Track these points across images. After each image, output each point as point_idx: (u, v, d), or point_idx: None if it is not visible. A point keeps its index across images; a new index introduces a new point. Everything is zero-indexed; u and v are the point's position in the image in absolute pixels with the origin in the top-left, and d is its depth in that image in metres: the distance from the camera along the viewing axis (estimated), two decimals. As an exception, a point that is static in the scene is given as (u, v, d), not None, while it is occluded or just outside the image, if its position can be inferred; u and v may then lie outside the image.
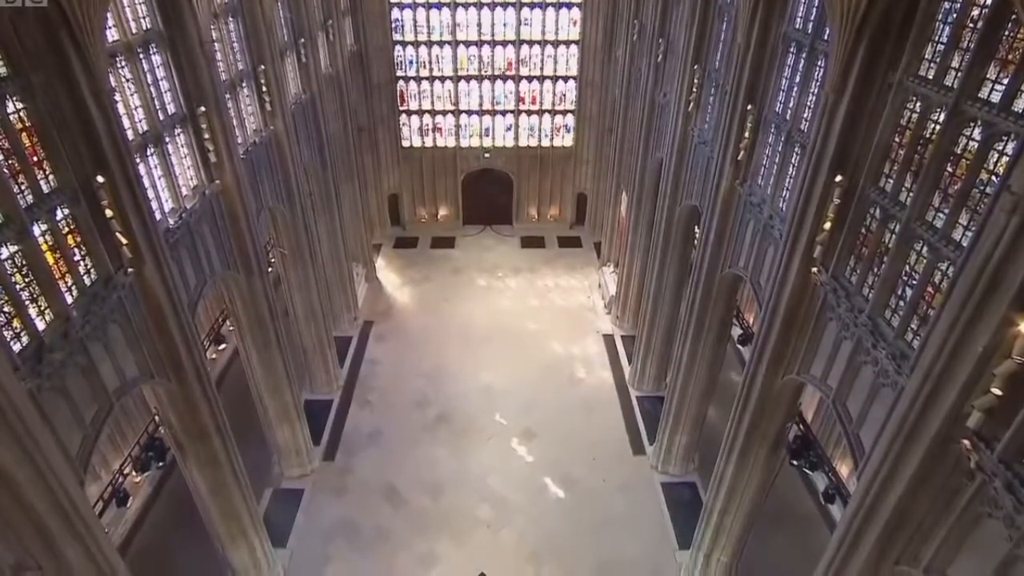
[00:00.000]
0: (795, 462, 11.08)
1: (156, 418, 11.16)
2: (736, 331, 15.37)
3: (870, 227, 8.02)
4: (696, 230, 15.94)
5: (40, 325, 7.36)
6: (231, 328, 14.69)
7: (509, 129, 28.42)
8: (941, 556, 6.77)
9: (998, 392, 5.60)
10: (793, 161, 10.17)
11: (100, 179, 8.06)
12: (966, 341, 5.90)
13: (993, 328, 5.59)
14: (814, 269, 9.00)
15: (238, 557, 13.18)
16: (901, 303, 7.43)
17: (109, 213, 8.29)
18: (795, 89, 9.97)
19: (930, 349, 6.34)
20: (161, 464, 11.07)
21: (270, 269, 15.12)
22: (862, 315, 7.95)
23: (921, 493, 6.79)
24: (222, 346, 14.99)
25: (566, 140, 28.90)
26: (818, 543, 9.53)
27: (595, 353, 22.38)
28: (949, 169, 6.61)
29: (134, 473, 10.78)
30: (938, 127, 6.72)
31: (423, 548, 15.22)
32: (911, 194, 7.12)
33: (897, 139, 7.42)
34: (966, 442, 6.01)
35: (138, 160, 9.31)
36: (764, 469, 11.96)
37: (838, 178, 8.23)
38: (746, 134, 11.41)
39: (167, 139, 10.59)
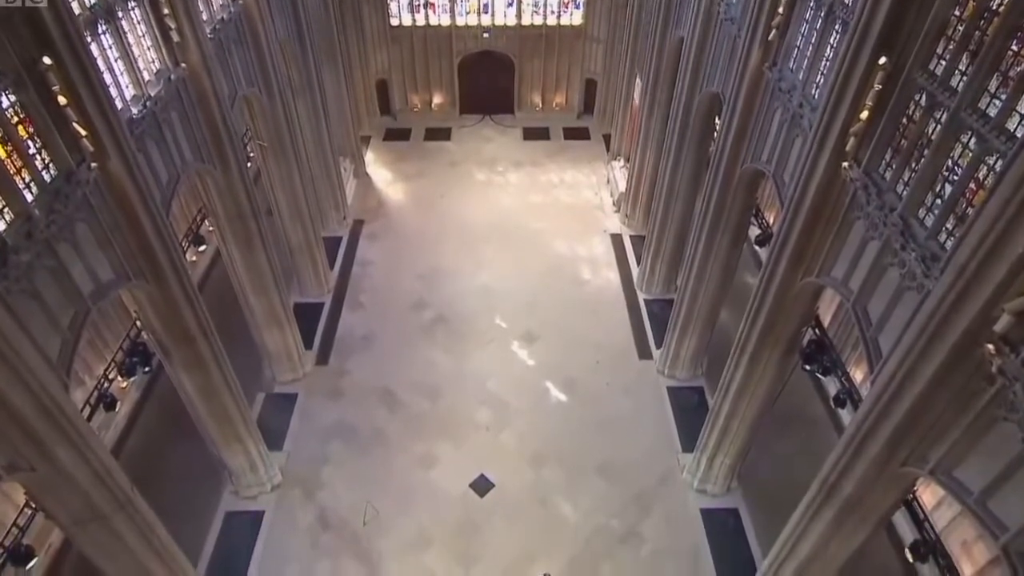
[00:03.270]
0: (808, 367, 11.29)
1: (138, 323, 11.27)
2: (754, 231, 15.21)
3: (912, 116, 7.64)
4: (716, 120, 15.39)
5: (0, 225, 7.21)
6: (211, 228, 14.53)
7: (511, 5, 26.78)
8: (949, 458, 7.07)
9: (1033, 296, 5.55)
10: (832, 41, 9.54)
11: (47, 61, 7.58)
12: (1005, 241, 5.77)
13: (1038, 227, 5.43)
14: (845, 164, 8.70)
15: (234, 460, 13.87)
16: (938, 201, 7.21)
17: (63, 100, 7.89)
18: (841, -49, 9.15)
19: (964, 249, 6.23)
20: (147, 369, 11.31)
21: (249, 164, 14.73)
22: (893, 214, 7.76)
23: (936, 396, 6.98)
24: (202, 247, 14.88)
25: (574, 17, 27.30)
26: (824, 446, 9.90)
27: (602, 253, 22.37)
28: (1014, 48, 6.14)
29: (120, 378, 11.04)
30: (1007, -3, 6.17)
31: (422, 450, 15.95)
32: (964, 78, 6.69)
33: (957, 12, 6.86)
34: (990, 346, 6.06)
35: (88, 39, 8.72)
36: (775, 374, 12.25)
37: (882, 60, 7.75)
38: (780, 9, 10.65)
39: (120, 13, 9.89)
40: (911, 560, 9.77)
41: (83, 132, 8.20)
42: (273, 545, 14.02)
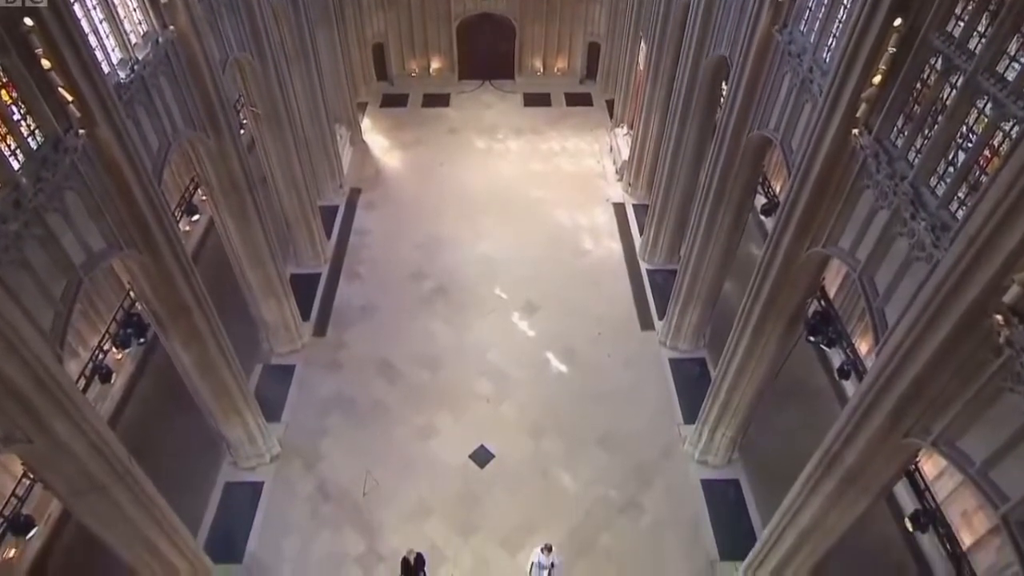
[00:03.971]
0: (812, 338, 11.30)
1: (131, 293, 11.26)
2: (760, 200, 15.09)
3: (927, 81, 7.49)
4: (723, 86, 15.15)
5: (-14, 194, 7.13)
6: (203, 198, 14.41)
7: (510, -38, 26.15)
8: (952, 429, 7.13)
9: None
10: (845, 2, 9.32)
11: (29, 22, 7.41)
12: (1019, 210, 5.71)
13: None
14: (855, 130, 8.57)
15: (232, 431, 13.99)
16: (951, 169, 7.12)
17: (47, 64, 7.74)
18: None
19: (976, 218, 6.17)
20: (142, 341, 11.34)
21: (242, 132, 14.55)
22: (904, 182, 7.67)
23: (942, 367, 7.00)
24: (195, 217, 14.79)
25: (577, -24, 26.68)
26: (827, 418, 9.96)
27: (604, 223, 22.25)
28: (1035, 7, 5.99)
29: (114, 350, 11.07)
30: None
31: (421, 421, 16.09)
32: (983, 40, 6.53)
33: (976, -30, 6.68)
34: (999, 317, 6.05)
35: (72, -2, 8.51)
36: (778, 345, 12.28)
37: (897, 21, 7.56)
38: (790, -34, 10.40)
39: (104, -29, 9.65)
40: (911, 529, 9.93)
41: (69, 97, 8.06)
42: (273, 515, 14.23)
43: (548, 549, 12.30)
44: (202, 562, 11.62)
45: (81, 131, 8.39)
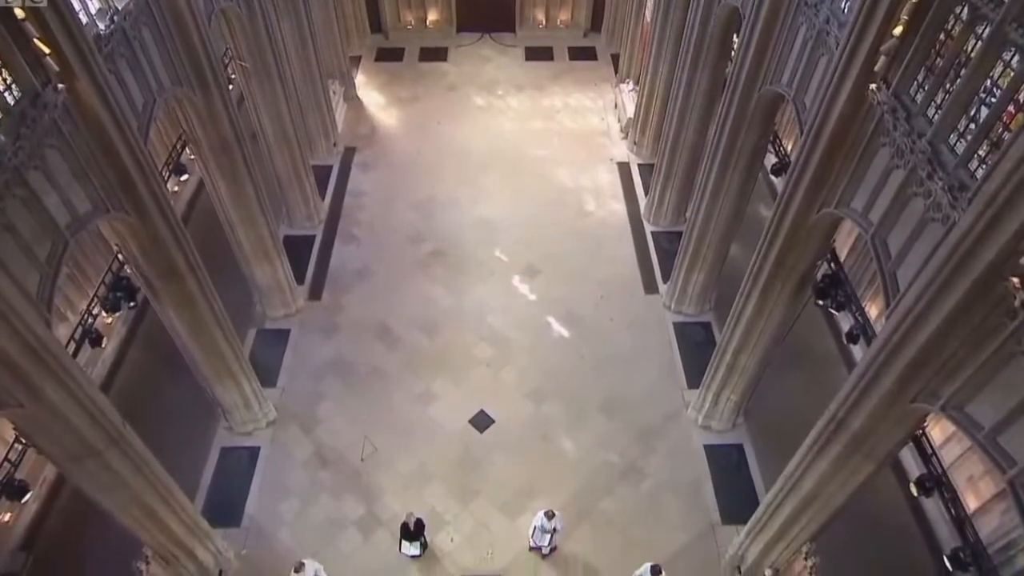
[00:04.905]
0: (821, 301, 11.28)
1: (120, 256, 11.20)
2: (770, 159, 14.91)
3: (951, 31, 7.28)
4: (734, 38, 14.80)
5: (-37, 151, 7.01)
6: (192, 157, 14.23)
7: (511, -96, 25.33)
8: (962, 393, 7.14)
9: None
10: (864, -55, 8.99)
11: (-2, -34, 7.18)
12: (1042, 169, 5.61)
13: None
14: (872, 85, 8.38)
15: (227, 396, 14.10)
16: (972, 126, 6.98)
17: (20, 14, 7.52)
18: None
19: (996, 177, 6.06)
20: (132, 304, 11.32)
21: (231, 87, 14.27)
22: (922, 140, 7.53)
23: (953, 331, 6.98)
24: (184, 177, 14.65)
25: (581, -81, 25.87)
26: (833, 383, 10.02)
27: (607, 183, 22.05)
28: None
29: (104, 314, 11.06)
30: None
31: (420, 387, 16.20)
32: (1011, -14, 6.32)
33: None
34: (1015, 280, 6.02)
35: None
36: (786, 309, 12.26)
37: (921, -34, 7.33)
38: (808, -93, 10.03)
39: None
40: (915, 494, 10.07)
41: (46, 50, 7.85)
42: (270, 480, 14.44)
43: (551, 515, 12.50)
44: (200, 526, 11.81)
45: (60, 86, 8.21)
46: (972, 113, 6.99)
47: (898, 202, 8.17)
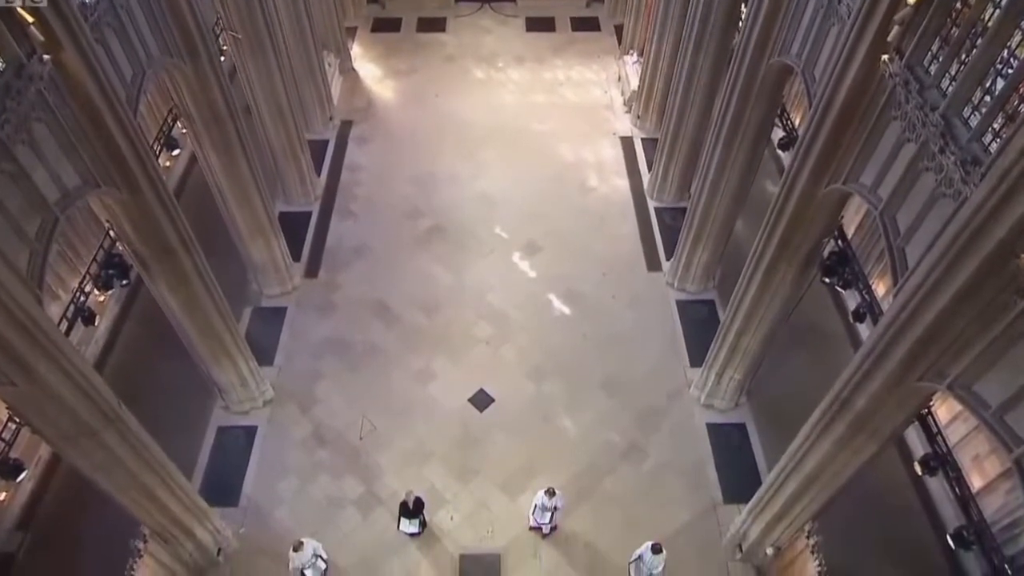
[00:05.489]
0: (827, 279, 11.25)
1: (111, 233, 11.14)
2: (777, 133, 14.76)
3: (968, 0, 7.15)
4: (742, 7, 14.56)
5: (-52, 124, 6.93)
6: (184, 131, 14.09)
7: None
8: (969, 372, 7.15)
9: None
10: (879, -93, 8.80)
11: (-19, -68, 7.03)
12: (1059, 143, 5.54)
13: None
14: (885, 56, 8.26)
15: (223, 375, 14.13)
16: (987, 99, 6.88)
17: (4, -19, 7.39)
18: None
19: (1011, 151, 5.99)
20: (125, 282, 11.30)
21: (222, 58, 14.09)
22: (934, 113, 7.43)
23: (962, 309, 6.96)
24: (176, 151, 14.50)
25: None
26: (839, 362, 10.03)
27: (610, 158, 21.89)
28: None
29: (96, 292, 11.04)
30: None
31: (419, 365, 16.24)
32: (1032, -49, 6.19)
33: None
34: (1027, 257, 5.97)
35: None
36: (792, 286, 12.24)
37: (937, -70, 7.18)
38: None
39: None
40: (920, 473, 10.15)
41: (29, 19, 7.72)
42: (268, 459, 14.55)
43: (551, 492, 12.61)
44: (198, 506, 11.92)
45: (46, 56, 8.09)
46: (988, 85, 6.90)
47: (908, 177, 8.11)
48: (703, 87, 16.78)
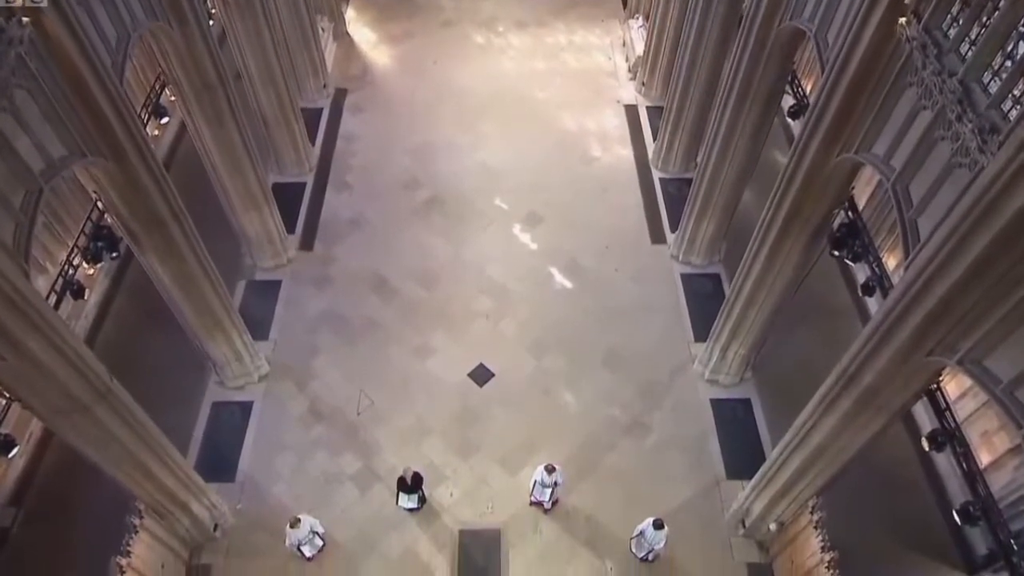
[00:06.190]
0: (836, 252, 11.18)
1: (99, 204, 11.05)
2: (788, 101, 14.56)
3: (990, -44, 6.98)
4: (752, -33, 14.26)
5: (-75, 90, 6.81)
6: (172, 98, 13.90)
7: None
8: (980, 347, 7.13)
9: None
10: None
11: None
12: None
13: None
14: (902, 19, 8.08)
15: (217, 349, 14.14)
16: (1008, 64, 6.75)
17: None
18: None
19: (1032, 118, 5.89)
20: (115, 255, 11.23)
21: (211, 22, 13.82)
22: (952, 79, 7.30)
23: (975, 282, 6.90)
24: (164, 120, 14.33)
25: None
26: (846, 336, 10.01)
27: (614, 127, 21.67)
28: None
29: (85, 265, 10.98)
30: None
31: (417, 340, 16.26)
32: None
33: None
34: (1044, 227, 5.91)
35: None
36: (799, 259, 12.17)
37: None
38: None
39: None
40: (927, 449, 10.20)
41: (8, -21, 7.55)
42: (264, 435, 14.63)
43: (551, 469, 12.70)
44: (194, 481, 12.01)
45: (25, 19, 7.91)
46: (1009, 49, 6.75)
47: (923, 146, 8.00)
48: (711, 52, 16.50)
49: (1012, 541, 8.94)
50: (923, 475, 13.30)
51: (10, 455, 9.26)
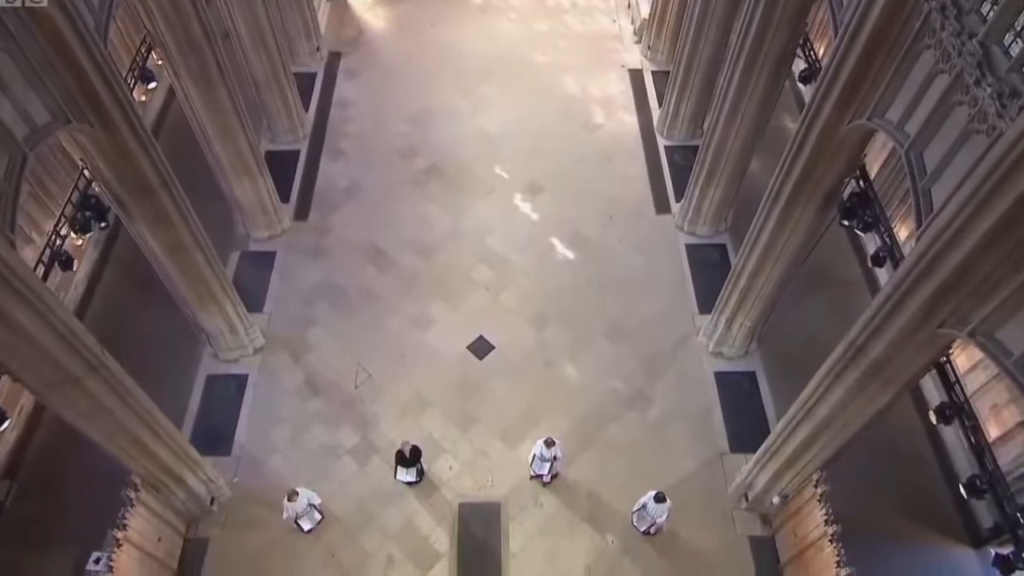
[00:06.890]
0: (846, 222, 11.09)
1: (86, 172, 10.93)
2: (799, 65, 14.34)
3: (1014, -89, 6.77)
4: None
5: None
6: (159, 62, 13.67)
7: None
8: (993, 319, 7.12)
9: None
10: None
11: None
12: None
13: None
14: (920, -24, 7.91)
15: (210, 321, 14.13)
16: (1030, 23, 6.60)
17: None
18: None
19: (1053, 82, 5.78)
20: (104, 225, 11.14)
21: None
22: (972, 41, 7.15)
23: (989, 253, 6.86)
24: (152, 84, 14.10)
25: None
26: (855, 308, 10.00)
27: (618, 92, 21.41)
28: None
29: (73, 235, 10.90)
30: None
31: (415, 311, 16.26)
32: None
33: None
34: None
35: None
36: (808, 229, 12.09)
37: None
38: None
39: None
40: (935, 422, 10.25)
41: (-17, -66, 7.36)
42: (260, 408, 14.70)
43: (550, 443, 12.78)
44: (189, 454, 12.09)
45: (2, -24, 7.74)
46: (1033, 8, 6.60)
47: (939, 112, 7.87)
48: (720, 14, 16.20)
49: (1019, 514, 9.02)
50: (930, 448, 13.41)
51: (1, 428, 9.27)
